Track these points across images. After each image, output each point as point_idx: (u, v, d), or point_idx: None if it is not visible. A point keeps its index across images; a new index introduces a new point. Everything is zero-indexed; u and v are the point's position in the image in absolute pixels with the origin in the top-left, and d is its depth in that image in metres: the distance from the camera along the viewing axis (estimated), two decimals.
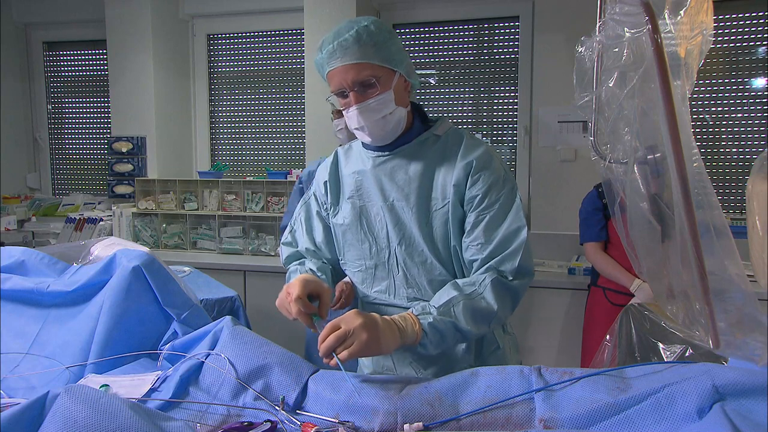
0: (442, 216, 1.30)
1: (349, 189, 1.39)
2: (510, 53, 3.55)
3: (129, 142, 3.82)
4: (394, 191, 1.33)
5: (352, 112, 1.27)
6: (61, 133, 4.43)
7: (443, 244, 1.31)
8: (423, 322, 1.15)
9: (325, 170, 1.46)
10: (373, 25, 1.24)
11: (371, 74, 1.23)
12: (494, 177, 1.27)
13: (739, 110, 3.18)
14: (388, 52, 1.26)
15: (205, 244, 3.66)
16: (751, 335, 0.95)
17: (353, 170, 1.40)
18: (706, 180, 0.95)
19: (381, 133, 1.30)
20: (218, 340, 1.19)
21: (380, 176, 1.35)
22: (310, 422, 0.96)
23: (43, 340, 1.38)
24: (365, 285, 1.41)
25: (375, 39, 1.23)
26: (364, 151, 1.40)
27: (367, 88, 1.25)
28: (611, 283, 2.49)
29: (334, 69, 1.25)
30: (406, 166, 1.33)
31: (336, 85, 1.26)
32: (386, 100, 1.26)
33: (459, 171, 1.28)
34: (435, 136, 1.35)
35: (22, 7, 4.24)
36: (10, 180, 4.22)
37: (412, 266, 1.33)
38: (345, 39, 1.22)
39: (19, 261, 1.60)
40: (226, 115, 4.15)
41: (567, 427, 0.89)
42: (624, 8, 0.99)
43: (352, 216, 1.38)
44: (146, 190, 3.77)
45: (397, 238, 1.33)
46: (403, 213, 1.32)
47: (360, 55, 1.22)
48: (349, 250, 1.41)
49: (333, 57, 1.24)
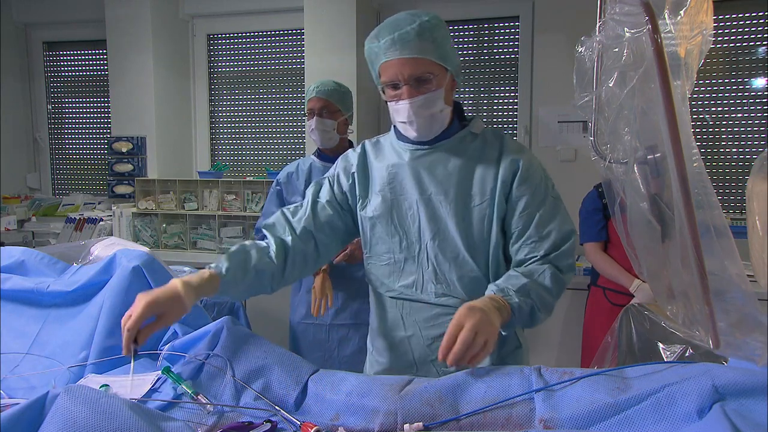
0: (480, 212, 1.31)
1: (380, 182, 1.38)
2: (510, 53, 3.55)
3: (129, 142, 3.81)
4: (433, 185, 1.32)
5: (402, 105, 1.26)
6: (61, 133, 4.43)
7: (479, 240, 1.31)
8: (511, 302, 1.17)
9: (353, 160, 1.43)
10: (434, 21, 1.24)
11: (428, 70, 1.23)
12: (538, 179, 1.31)
13: (739, 110, 3.18)
14: (444, 50, 1.26)
15: (205, 244, 3.65)
16: (751, 335, 0.95)
17: (386, 163, 1.38)
18: (706, 180, 0.95)
19: (428, 129, 1.30)
20: (218, 340, 1.19)
21: (418, 169, 1.34)
22: (310, 422, 0.96)
23: (43, 340, 1.38)
24: (392, 279, 1.39)
25: (435, 35, 1.23)
26: (399, 143, 1.39)
27: (422, 84, 1.24)
28: (611, 283, 2.49)
29: (390, 60, 1.24)
30: (445, 161, 1.33)
31: (390, 76, 1.25)
32: (437, 98, 1.26)
33: (505, 169, 1.30)
34: (472, 134, 1.36)
35: (22, 7, 4.24)
36: (10, 180, 4.22)
37: (443, 261, 1.33)
38: (406, 32, 1.21)
39: (19, 261, 1.60)
40: (226, 115, 4.15)
41: (567, 427, 0.89)
42: (624, 8, 0.99)
43: (383, 209, 1.37)
44: (146, 190, 3.77)
45: (431, 232, 1.33)
46: (441, 207, 1.32)
47: (419, 50, 1.22)
48: (377, 243, 1.40)
49: (391, 48, 1.23)
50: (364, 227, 1.42)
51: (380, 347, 1.46)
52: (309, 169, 2.34)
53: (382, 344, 1.45)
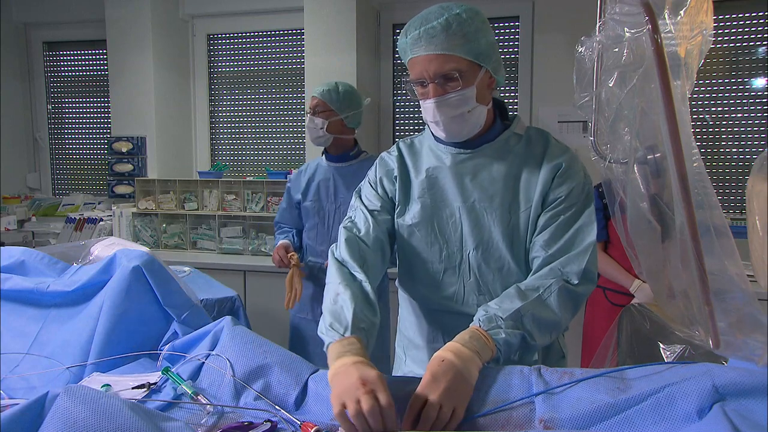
0: (525, 219, 1.23)
1: (419, 188, 1.30)
2: (510, 53, 3.55)
3: (129, 142, 3.82)
4: (477, 191, 1.25)
5: (429, 104, 1.20)
6: (61, 133, 4.43)
7: (525, 248, 1.24)
8: (496, 338, 1.05)
9: (393, 163, 1.35)
10: (465, 14, 1.15)
11: (455, 67, 1.15)
12: (577, 181, 1.23)
13: (739, 110, 3.18)
14: (477, 45, 1.16)
15: (205, 244, 3.65)
16: (751, 335, 0.95)
17: (425, 167, 1.30)
18: (706, 180, 0.95)
19: (457, 130, 1.23)
20: (218, 340, 1.19)
21: (462, 174, 1.27)
22: (310, 422, 0.96)
23: (43, 340, 1.38)
24: (430, 290, 1.32)
25: (465, 29, 1.14)
26: (438, 146, 1.31)
27: (449, 82, 1.17)
28: (611, 283, 2.49)
29: (416, 57, 1.17)
30: (489, 165, 1.26)
31: (417, 73, 1.19)
32: (467, 97, 1.18)
33: (546, 172, 1.23)
34: (517, 135, 1.28)
35: (22, 7, 4.24)
36: (10, 180, 4.22)
37: (487, 272, 1.26)
38: (432, 26, 1.14)
39: (19, 261, 1.60)
40: (226, 115, 4.15)
41: (567, 428, 0.89)
42: (624, 8, 0.99)
43: (422, 216, 1.29)
44: (146, 190, 3.77)
45: (474, 241, 1.26)
46: (485, 215, 1.25)
47: (446, 46, 1.14)
48: (415, 252, 1.31)
49: (417, 44, 1.16)
50: (400, 235, 1.33)
51: (417, 359, 1.39)
52: (315, 168, 2.40)
53: (418, 356, 1.38)
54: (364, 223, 1.31)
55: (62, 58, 4.38)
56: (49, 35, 4.34)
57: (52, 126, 4.43)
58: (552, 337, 1.17)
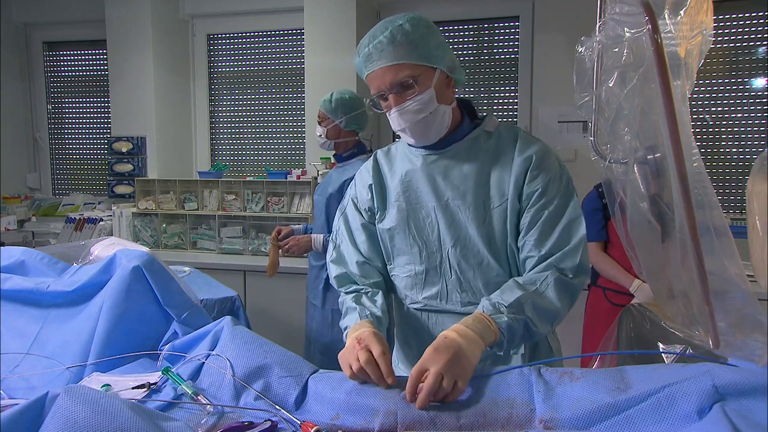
0: (500, 214, 1.25)
1: (395, 192, 1.34)
2: (510, 53, 3.55)
3: (129, 142, 3.82)
4: (449, 190, 1.28)
5: (393, 114, 1.24)
6: (61, 133, 4.43)
7: (501, 243, 1.26)
8: (499, 322, 1.10)
9: (367, 174, 1.40)
10: (408, 24, 1.20)
11: (408, 74, 1.19)
12: (553, 173, 1.25)
13: (739, 110, 3.18)
14: (426, 49, 1.20)
15: (205, 244, 3.65)
16: (751, 335, 0.95)
17: (400, 171, 1.34)
18: (706, 180, 0.95)
19: (423, 133, 1.26)
20: (218, 340, 1.19)
21: (433, 175, 1.30)
22: (311, 421, 0.96)
23: (43, 340, 1.38)
24: (414, 291, 1.35)
25: (410, 37, 1.19)
26: (411, 150, 1.34)
27: (406, 90, 1.21)
28: (611, 283, 2.49)
29: (372, 72, 1.22)
30: (460, 163, 1.28)
31: (375, 88, 1.23)
32: (426, 100, 1.21)
33: (518, 166, 1.24)
34: (486, 133, 1.31)
35: (22, 7, 4.24)
36: (10, 180, 4.22)
37: (467, 269, 1.28)
38: (380, 41, 1.19)
39: (19, 261, 1.60)
40: (226, 115, 4.15)
41: (567, 428, 0.89)
42: (624, 8, 0.99)
43: (399, 219, 1.33)
44: (146, 190, 3.77)
45: (452, 239, 1.28)
46: (459, 212, 1.27)
47: (395, 56, 1.18)
48: (399, 255, 1.36)
49: (369, 60, 1.21)
50: (384, 240, 1.37)
51: (405, 357, 1.42)
52: (330, 171, 2.61)
53: (408, 354, 1.41)
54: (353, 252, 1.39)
55: (62, 58, 4.38)
56: (49, 35, 4.34)
57: (52, 126, 4.43)
58: (553, 326, 1.22)
